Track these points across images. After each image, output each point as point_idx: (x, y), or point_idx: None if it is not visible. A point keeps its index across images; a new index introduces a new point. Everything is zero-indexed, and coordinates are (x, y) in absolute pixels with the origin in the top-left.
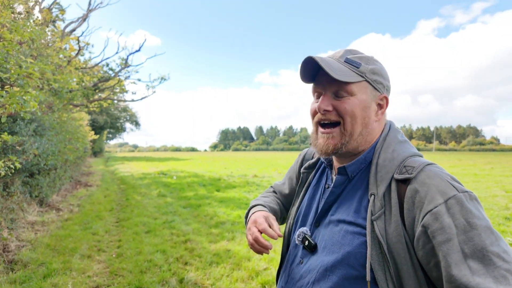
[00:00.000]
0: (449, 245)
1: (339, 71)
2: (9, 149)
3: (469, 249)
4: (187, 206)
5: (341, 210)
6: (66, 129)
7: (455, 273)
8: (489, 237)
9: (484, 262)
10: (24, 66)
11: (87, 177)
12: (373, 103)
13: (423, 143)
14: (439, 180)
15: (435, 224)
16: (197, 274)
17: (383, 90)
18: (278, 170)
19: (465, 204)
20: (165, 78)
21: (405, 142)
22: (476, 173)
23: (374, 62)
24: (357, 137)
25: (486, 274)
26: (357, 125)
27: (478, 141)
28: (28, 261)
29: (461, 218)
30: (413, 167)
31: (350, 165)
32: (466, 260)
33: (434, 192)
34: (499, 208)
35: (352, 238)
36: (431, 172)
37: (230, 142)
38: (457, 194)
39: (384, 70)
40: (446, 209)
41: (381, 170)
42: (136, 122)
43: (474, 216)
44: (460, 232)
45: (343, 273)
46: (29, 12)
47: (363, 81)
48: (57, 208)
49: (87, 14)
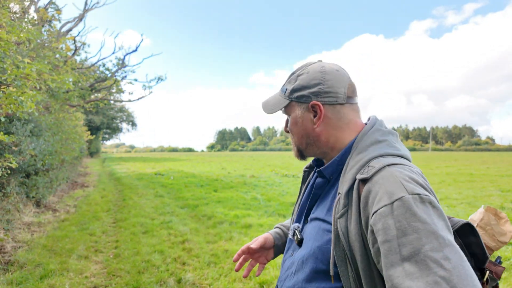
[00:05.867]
0: (388, 246)
1: (271, 106)
2: (5, 149)
3: (407, 252)
4: (185, 206)
5: (319, 209)
6: (62, 129)
7: (391, 273)
8: (431, 242)
9: (419, 267)
10: (21, 67)
11: (83, 178)
12: (307, 114)
13: (420, 143)
14: (392, 181)
15: (378, 225)
16: (195, 274)
17: (310, 99)
18: (276, 170)
19: (411, 207)
20: (162, 78)
21: (383, 142)
22: (472, 173)
23: (298, 78)
24: (307, 146)
25: (419, 279)
26: (297, 137)
27: (473, 141)
28: (25, 262)
29: (403, 220)
30: (373, 167)
31: (325, 168)
32: (403, 262)
33: (383, 192)
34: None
35: (322, 235)
36: (387, 173)
37: (227, 142)
38: (405, 196)
39: (312, 77)
40: (391, 210)
41: (349, 170)
42: (133, 123)
43: (418, 220)
44: (400, 234)
45: (312, 266)
46: (25, 12)
47: (290, 102)
48: (54, 209)
49: (83, 14)
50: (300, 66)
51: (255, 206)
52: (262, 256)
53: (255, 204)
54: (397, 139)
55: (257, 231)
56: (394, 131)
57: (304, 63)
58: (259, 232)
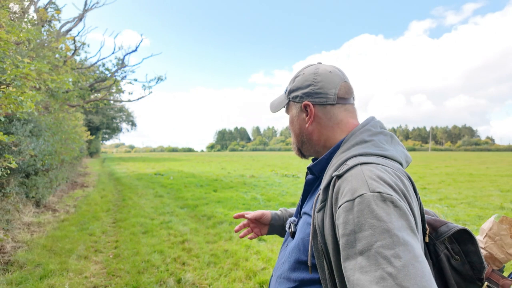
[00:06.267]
0: (346, 240)
1: (275, 106)
2: (5, 149)
3: (361, 247)
4: (184, 206)
5: (307, 204)
6: (62, 129)
7: (345, 266)
8: (384, 239)
9: (370, 261)
10: (21, 66)
11: (83, 178)
12: (301, 114)
13: (419, 143)
14: (358, 179)
15: (340, 219)
16: (195, 274)
17: (302, 100)
18: (275, 170)
19: (370, 204)
20: (162, 78)
21: (368, 142)
22: (471, 172)
23: (295, 79)
24: (302, 144)
25: (368, 273)
26: (294, 135)
27: (473, 141)
28: (24, 262)
29: (361, 216)
30: (347, 165)
31: (314, 166)
32: (356, 256)
33: (348, 189)
34: (494, 208)
35: (306, 228)
36: (357, 171)
37: (227, 142)
38: (366, 193)
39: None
40: (352, 206)
41: (330, 168)
42: (132, 123)
43: (375, 217)
44: (357, 230)
45: (296, 256)
46: (24, 12)
47: (288, 102)
48: (53, 209)
49: (83, 14)
50: (301, 68)
51: (255, 206)
52: (257, 228)
53: (255, 204)
54: (389, 140)
55: None
56: (388, 132)
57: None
58: None
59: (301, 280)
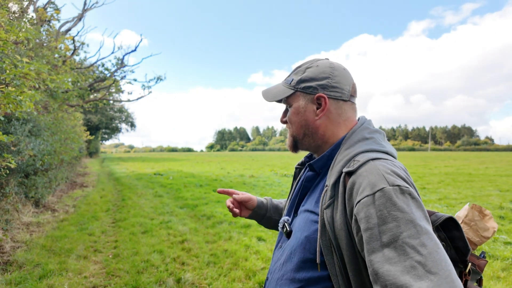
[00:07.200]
0: (370, 233)
1: (273, 95)
2: (4, 149)
3: (387, 239)
4: (184, 206)
5: (308, 201)
6: (61, 129)
7: (372, 259)
8: (409, 230)
9: (398, 252)
10: (20, 66)
11: (82, 178)
12: (310, 106)
13: (419, 143)
14: (375, 173)
15: (361, 213)
16: (194, 274)
17: (316, 91)
18: (275, 170)
19: (392, 197)
20: (161, 78)
21: (370, 139)
22: (471, 172)
23: (306, 70)
24: (304, 136)
25: (398, 263)
26: (296, 127)
27: (472, 141)
28: (24, 262)
29: (384, 209)
30: (358, 161)
31: (315, 162)
32: (383, 248)
33: (366, 184)
34: (493, 207)
35: (310, 225)
36: (371, 166)
37: (227, 142)
38: (386, 187)
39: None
40: (372, 200)
41: (336, 164)
42: (132, 123)
43: (398, 209)
44: (381, 223)
45: (300, 256)
46: (23, 11)
47: (294, 92)
48: (53, 209)
49: (82, 13)
50: (309, 60)
51: None
52: (239, 209)
53: None
54: (383, 138)
55: (256, 231)
56: (381, 130)
57: (312, 59)
58: (258, 231)
59: (308, 279)
